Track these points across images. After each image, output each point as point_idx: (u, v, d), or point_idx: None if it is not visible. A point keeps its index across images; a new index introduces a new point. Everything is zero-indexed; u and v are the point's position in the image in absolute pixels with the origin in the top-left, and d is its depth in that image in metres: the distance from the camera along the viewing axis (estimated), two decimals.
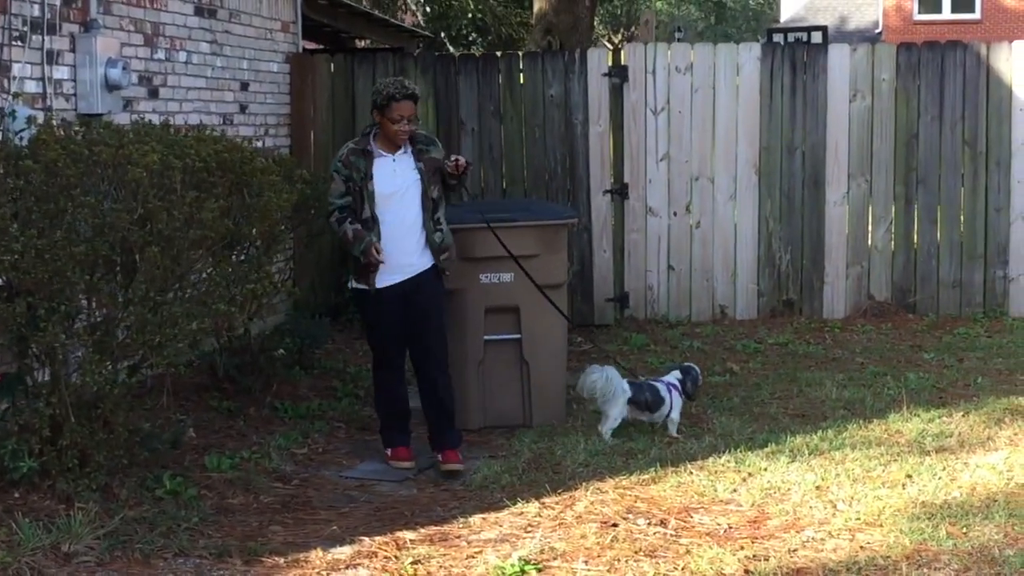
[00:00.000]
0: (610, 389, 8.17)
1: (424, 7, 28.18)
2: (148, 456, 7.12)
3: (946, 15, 40.58)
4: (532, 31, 21.32)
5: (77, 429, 6.54)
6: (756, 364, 10.46)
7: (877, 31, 41.59)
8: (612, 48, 13.21)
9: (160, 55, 9.48)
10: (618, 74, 12.09)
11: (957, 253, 12.21)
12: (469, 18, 28.00)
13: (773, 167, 12.14)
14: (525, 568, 5.95)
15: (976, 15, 40.42)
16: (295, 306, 11.14)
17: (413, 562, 6.09)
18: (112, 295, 6.64)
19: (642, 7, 42.18)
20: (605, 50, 12.70)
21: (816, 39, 26.35)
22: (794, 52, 12.29)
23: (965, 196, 12.19)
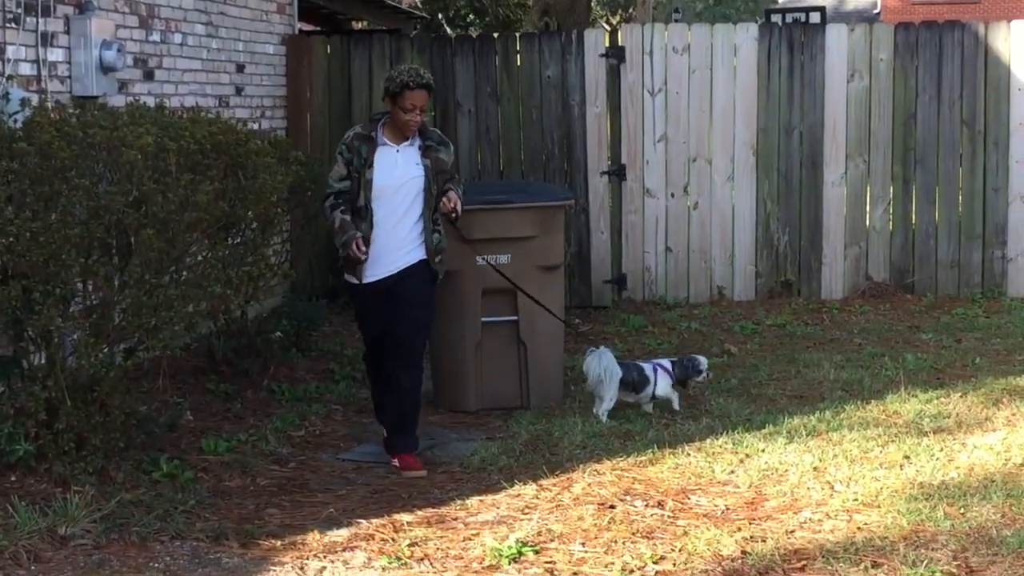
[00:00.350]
0: (605, 371, 8.17)
1: None
2: (145, 439, 7.11)
3: None
4: (529, 12, 21.31)
5: (73, 412, 6.53)
6: (754, 345, 10.45)
7: (875, 11, 41.58)
8: (609, 29, 13.14)
9: (155, 37, 9.45)
10: (615, 55, 12.06)
11: (955, 233, 12.20)
12: None
13: (771, 148, 12.12)
14: (522, 550, 5.94)
15: None
16: (292, 289, 11.13)
17: (410, 544, 6.08)
18: (108, 278, 6.63)
19: None
20: (602, 31, 12.66)
21: (814, 19, 26.27)
22: (792, 32, 12.26)
23: (963, 176, 12.18)
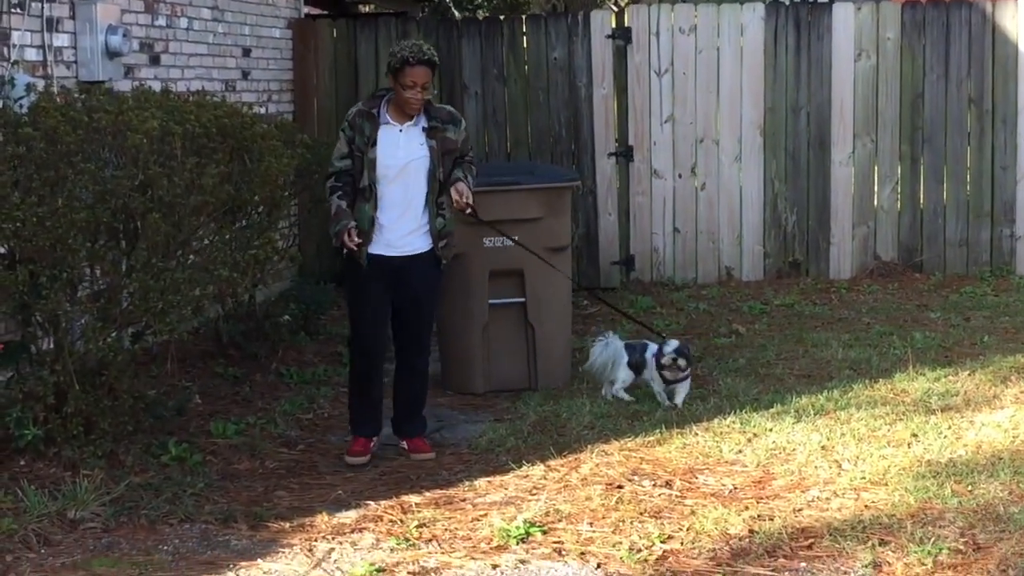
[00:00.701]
0: (612, 355, 8.21)
1: None
2: (153, 423, 7.14)
3: None
4: None
5: (82, 396, 6.55)
6: (762, 325, 10.45)
7: None
8: (616, 10, 13.14)
9: (161, 21, 9.45)
10: (622, 36, 12.04)
11: (963, 212, 12.17)
12: None
13: (778, 128, 12.10)
14: (530, 530, 5.96)
15: None
16: (300, 272, 11.15)
17: (418, 525, 6.10)
18: (115, 262, 6.64)
19: None
20: (609, 12, 12.67)
21: None
22: (798, 12, 12.21)
23: (971, 155, 12.15)
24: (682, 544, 5.78)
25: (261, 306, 9.51)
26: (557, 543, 5.84)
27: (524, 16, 13.03)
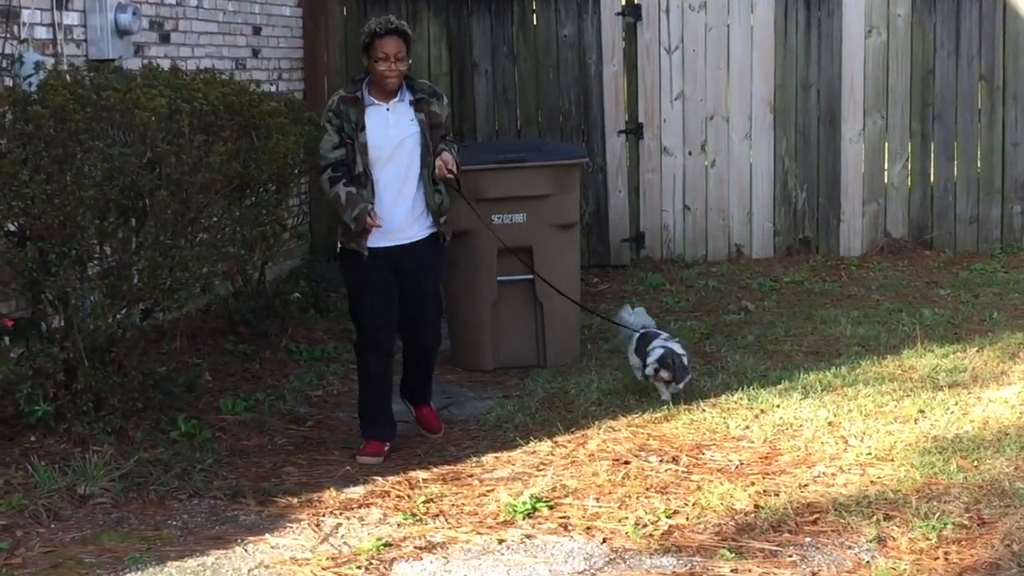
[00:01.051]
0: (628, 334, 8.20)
1: None
2: (163, 399, 7.17)
3: None
4: None
5: (91, 373, 6.59)
6: (771, 302, 10.46)
7: None
8: None
9: (171, 0, 9.46)
10: (631, 13, 12.03)
11: (974, 189, 12.16)
12: None
13: (788, 105, 12.08)
14: (537, 505, 5.99)
15: None
16: (311, 250, 11.18)
17: (425, 501, 6.13)
18: (124, 240, 6.67)
19: None
20: None
21: None
22: None
23: (982, 131, 12.13)
24: (687, 519, 5.81)
25: (271, 284, 9.55)
26: (563, 518, 5.87)
27: None
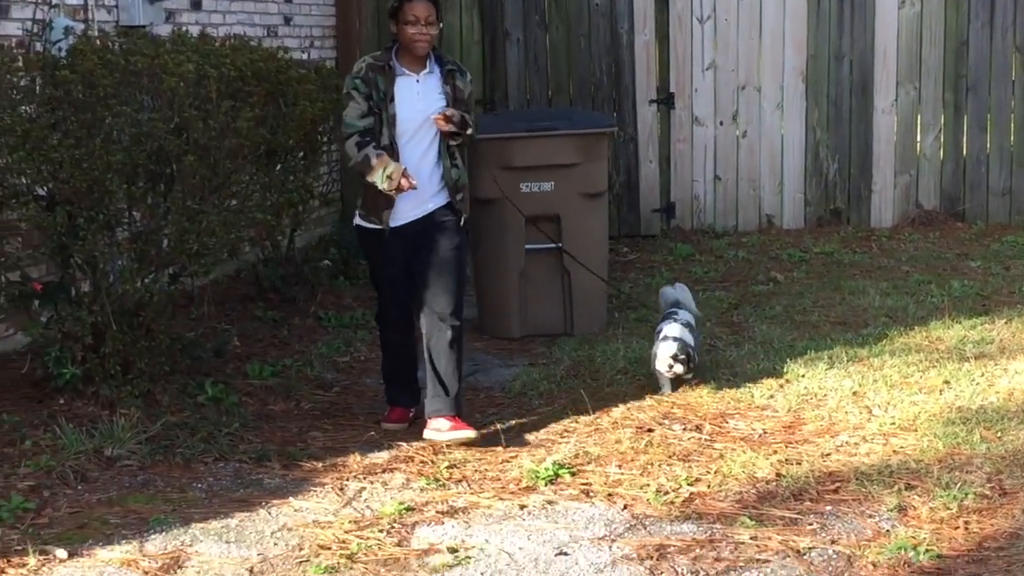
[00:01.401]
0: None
1: None
2: (191, 364, 7.23)
3: None
4: None
5: (119, 337, 6.64)
6: (800, 273, 10.43)
7: None
8: None
9: None
10: None
11: (1007, 160, 12.08)
12: None
13: (820, 75, 12.03)
14: (559, 472, 6.01)
15: None
16: (341, 218, 11.20)
17: (449, 466, 6.17)
18: (152, 205, 6.71)
19: None
20: None
21: None
22: None
23: (1015, 103, 12.03)
24: (709, 487, 5.82)
25: (301, 251, 9.59)
26: (585, 484, 5.90)
27: None
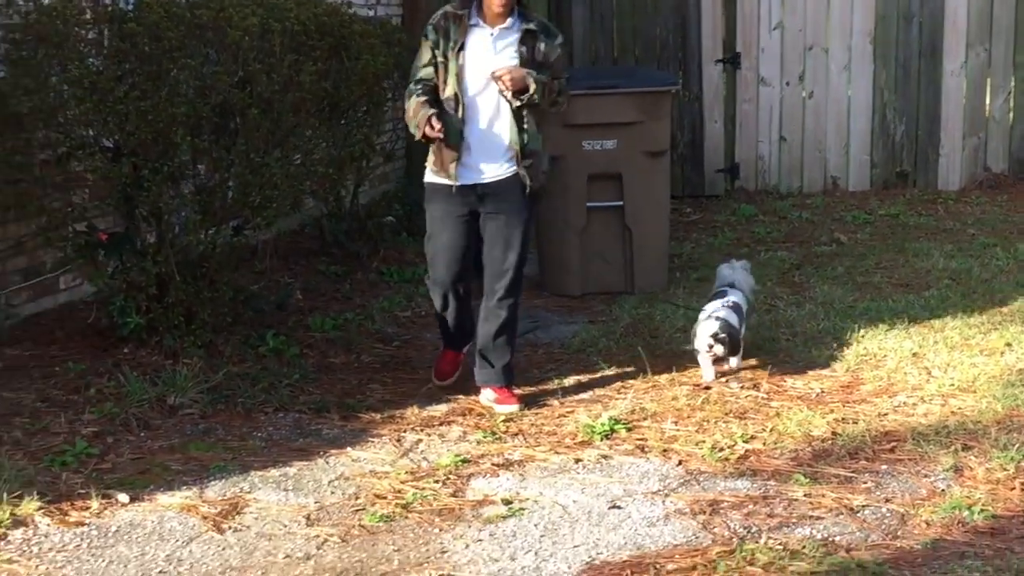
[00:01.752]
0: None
1: None
2: (253, 316, 7.31)
3: None
4: None
5: (183, 287, 6.73)
6: (864, 235, 10.37)
7: None
8: None
9: None
10: None
11: None
12: None
13: (889, 36, 11.91)
14: (615, 427, 6.04)
15: None
16: (406, 174, 11.25)
17: (505, 420, 6.22)
18: (217, 157, 6.78)
19: None
20: None
21: None
22: None
23: None
24: (764, 444, 5.84)
25: (364, 207, 9.65)
26: (640, 440, 5.93)
27: None
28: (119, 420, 6.01)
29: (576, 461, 5.69)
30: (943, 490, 5.29)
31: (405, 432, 6.05)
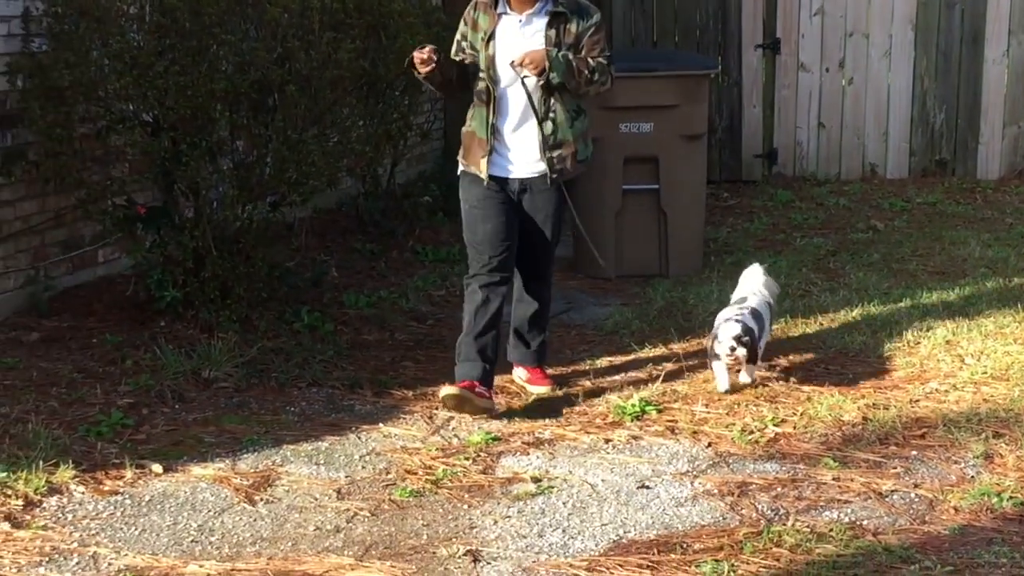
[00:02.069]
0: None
1: None
2: (288, 292, 7.36)
3: None
4: None
5: (219, 262, 6.79)
6: (901, 222, 10.33)
7: None
8: None
9: None
10: None
11: None
12: None
13: (930, 23, 11.83)
14: (646, 408, 6.07)
15: None
16: (444, 154, 11.27)
17: (537, 399, 6.26)
18: (255, 134, 6.83)
19: None
20: None
21: None
22: None
23: None
24: (794, 428, 5.85)
25: (401, 186, 9.69)
26: (671, 422, 5.95)
27: None
28: (154, 392, 6.08)
29: (606, 441, 5.72)
30: (972, 477, 5.29)
31: (437, 409, 6.09)
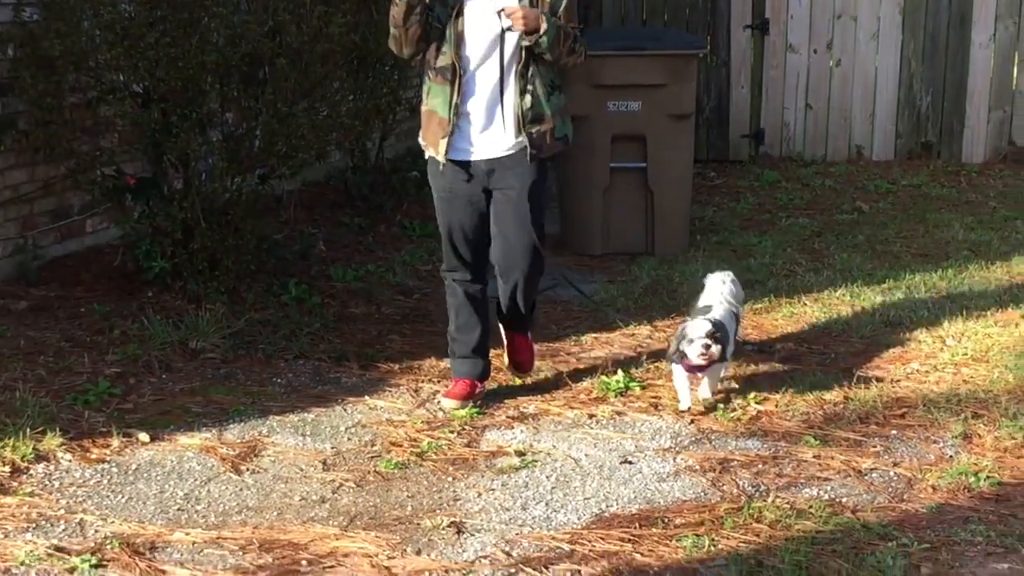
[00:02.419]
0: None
1: None
2: (276, 264, 7.40)
3: None
4: None
5: (208, 234, 6.82)
6: (886, 204, 10.39)
7: None
8: None
9: None
10: None
11: None
12: None
13: (918, 6, 11.86)
14: (630, 384, 6.12)
15: None
16: None
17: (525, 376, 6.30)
18: (245, 106, 6.86)
19: None
20: None
21: None
22: None
23: None
24: (776, 406, 5.90)
25: (390, 161, 9.71)
26: (655, 398, 6.00)
27: None
28: (141, 362, 6.13)
29: (590, 416, 5.77)
30: (951, 456, 5.35)
31: (422, 383, 6.14)
